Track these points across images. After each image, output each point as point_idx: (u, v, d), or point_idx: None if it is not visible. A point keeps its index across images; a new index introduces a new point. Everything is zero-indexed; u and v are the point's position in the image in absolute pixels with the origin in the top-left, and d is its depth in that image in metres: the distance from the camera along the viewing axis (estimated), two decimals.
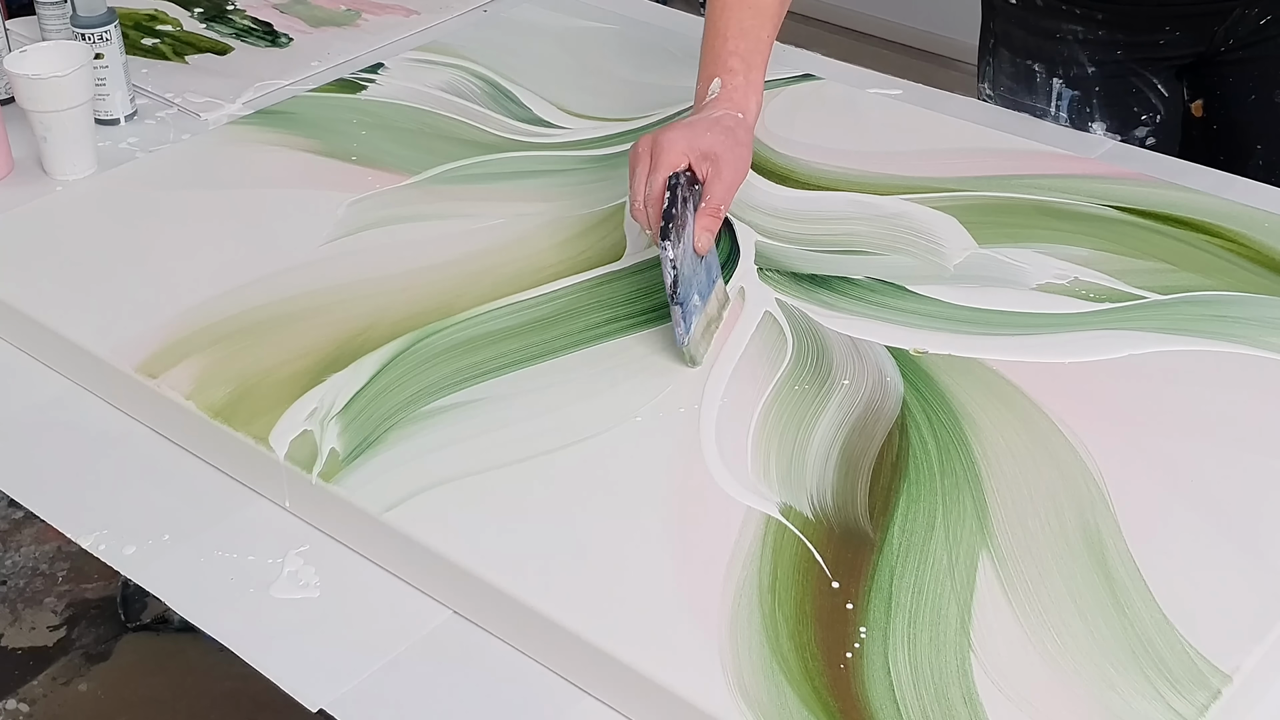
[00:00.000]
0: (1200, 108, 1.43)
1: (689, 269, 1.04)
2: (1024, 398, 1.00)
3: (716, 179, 1.08)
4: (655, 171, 1.07)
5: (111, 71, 1.40)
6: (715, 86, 1.16)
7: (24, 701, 1.84)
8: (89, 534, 0.96)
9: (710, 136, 1.10)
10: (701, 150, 1.09)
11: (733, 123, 1.13)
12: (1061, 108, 1.42)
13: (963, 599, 0.84)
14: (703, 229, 1.07)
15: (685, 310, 1.02)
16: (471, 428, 0.98)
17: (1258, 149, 1.40)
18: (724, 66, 1.16)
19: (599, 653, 0.82)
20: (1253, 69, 1.39)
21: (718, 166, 1.09)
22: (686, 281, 1.03)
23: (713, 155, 1.09)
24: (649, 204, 1.07)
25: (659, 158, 1.08)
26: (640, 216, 1.09)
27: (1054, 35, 1.41)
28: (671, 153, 1.08)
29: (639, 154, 1.10)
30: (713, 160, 1.09)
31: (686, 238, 1.05)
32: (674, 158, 1.07)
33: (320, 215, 1.23)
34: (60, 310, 1.12)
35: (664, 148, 1.08)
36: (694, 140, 1.09)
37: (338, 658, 0.87)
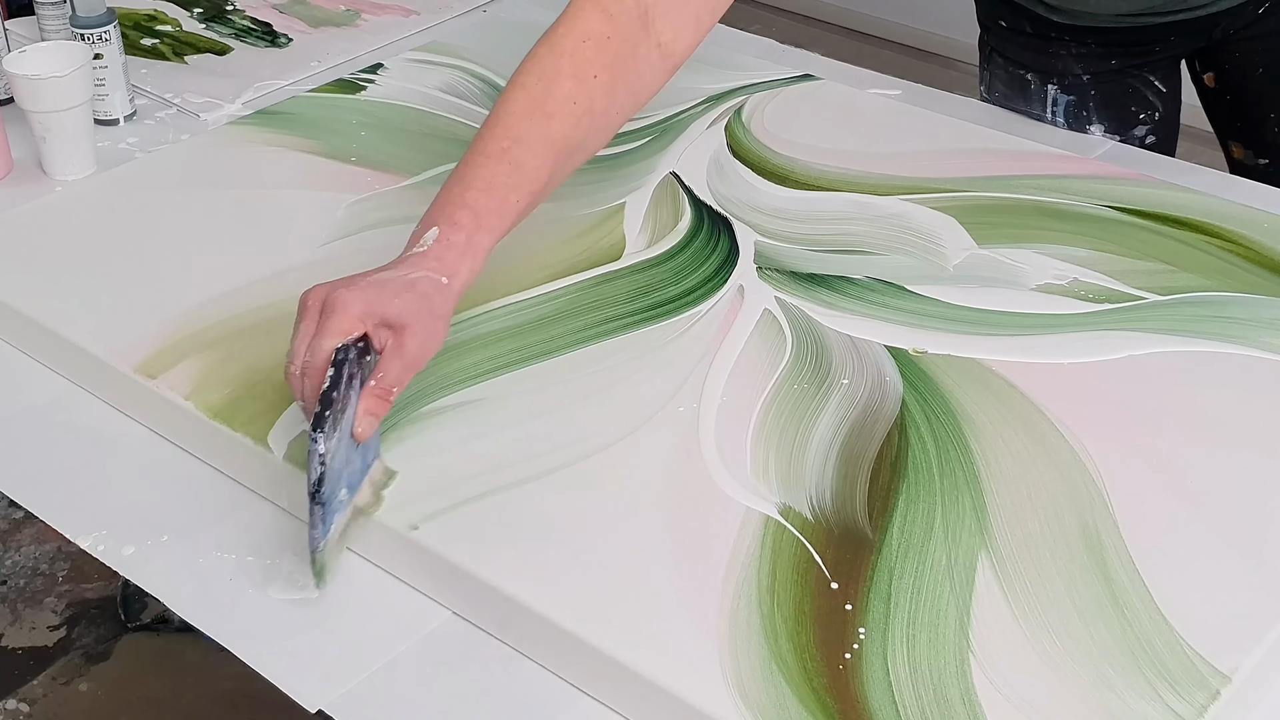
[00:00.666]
0: (1213, 79, 1.44)
1: (341, 461, 0.88)
2: (1023, 398, 1.00)
3: (396, 355, 0.91)
4: (321, 336, 0.90)
5: (111, 72, 1.40)
6: (430, 237, 0.96)
7: (24, 701, 1.84)
8: (88, 534, 0.96)
9: (399, 303, 0.92)
10: (385, 317, 0.91)
11: (431, 288, 0.94)
12: (1058, 113, 1.42)
13: (962, 600, 0.84)
14: (366, 412, 0.90)
15: (327, 510, 0.87)
16: (470, 428, 0.98)
17: (1271, 117, 1.41)
18: (449, 218, 0.97)
19: (597, 653, 0.82)
20: (1256, 45, 1.39)
21: (400, 339, 0.91)
22: (336, 477, 0.87)
23: (398, 325, 0.91)
24: (306, 374, 0.90)
25: (328, 320, 0.90)
26: (295, 384, 0.92)
27: (1046, 51, 1.41)
28: (344, 317, 0.90)
29: (308, 308, 0.93)
30: (396, 331, 0.91)
31: (345, 423, 0.89)
32: (346, 323, 0.90)
33: (320, 216, 1.23)
34: (60, 310, 1.12)
35: (337, 308, 0.90)
36: (376, 304, 0.91)
37: (337, 658, 0.87)
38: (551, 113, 1.02)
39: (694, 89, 1.42)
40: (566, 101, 1.02)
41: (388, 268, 0.96)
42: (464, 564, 0.88)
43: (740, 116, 1.38)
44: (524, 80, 1.03)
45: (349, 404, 0.89)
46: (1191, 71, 1.45)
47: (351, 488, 0.91)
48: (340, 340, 0.90)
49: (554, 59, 1.04)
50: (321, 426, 0.86)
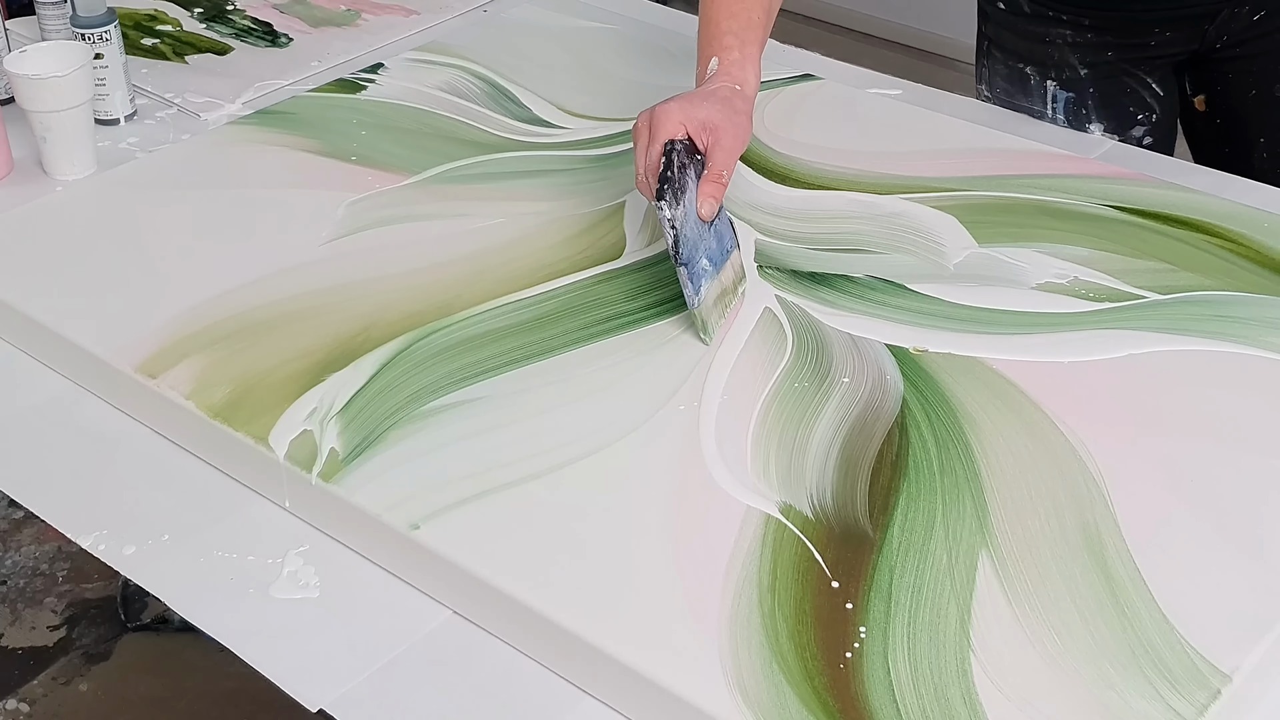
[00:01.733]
0: (1203, 102, 1.43)
1: (692, 231, 1.05)
2: (1024, 397, 1.00)
3: (717, 147, 1.09)
4: (653, 142, 1.08)
5: (111, 71, 1.40)
6: (713, 65, 1.17)
7: (24, 701, 1.84)
8: (89, 534, 0.96)
9: (707, 106, 1.11)
10: (699, 120, 1.10)
11: (729, 94, 1.14)
12: (1058, 110, 1.42)
13: (962, 599, 0.84)
14: (707, 195, 1.08)
15: (692, 271, 1.03)
16: (471, 427, 0.98)
17: (1261, 141, 1.41)
18: (719, 45, 1.18)
19: (598, 652, 0.82)
20: (1251, 65, 1.39)
21: (717, 135, 1.10)
22: (690, 243, 1.04)
23: (711, 125, 1.10)
24: (649, 173, 1.08)
25: (656, 128, 1.09)
26: (643, 187, 1.10)
27: (1044, 39, 1.41)
28: (668, 122, 1.09)
29: (639, 129, 1.11)
30: (711, 130, 1.10)
31: (688, 202, 1.06)
32: (671, 127, 1.09)
33: (320, 215, 1.23)
34: (60, 310, 1.12)
35: (660, 119, 1.09)
36: (690, 110, 1.10)
37: (338, 658, 0.87)
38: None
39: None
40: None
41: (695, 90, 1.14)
42: (464, 563, 0.88)
43: None
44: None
45: (687, 187, 1.06)
46: (1182, 95, 1.45)
47: (713, 261, 1.07)
48: (666, 139, 1.07)
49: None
50: (663, 197, 1.03)
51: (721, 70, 1.17)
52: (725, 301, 1.09)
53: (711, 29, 1.19)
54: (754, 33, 1.19)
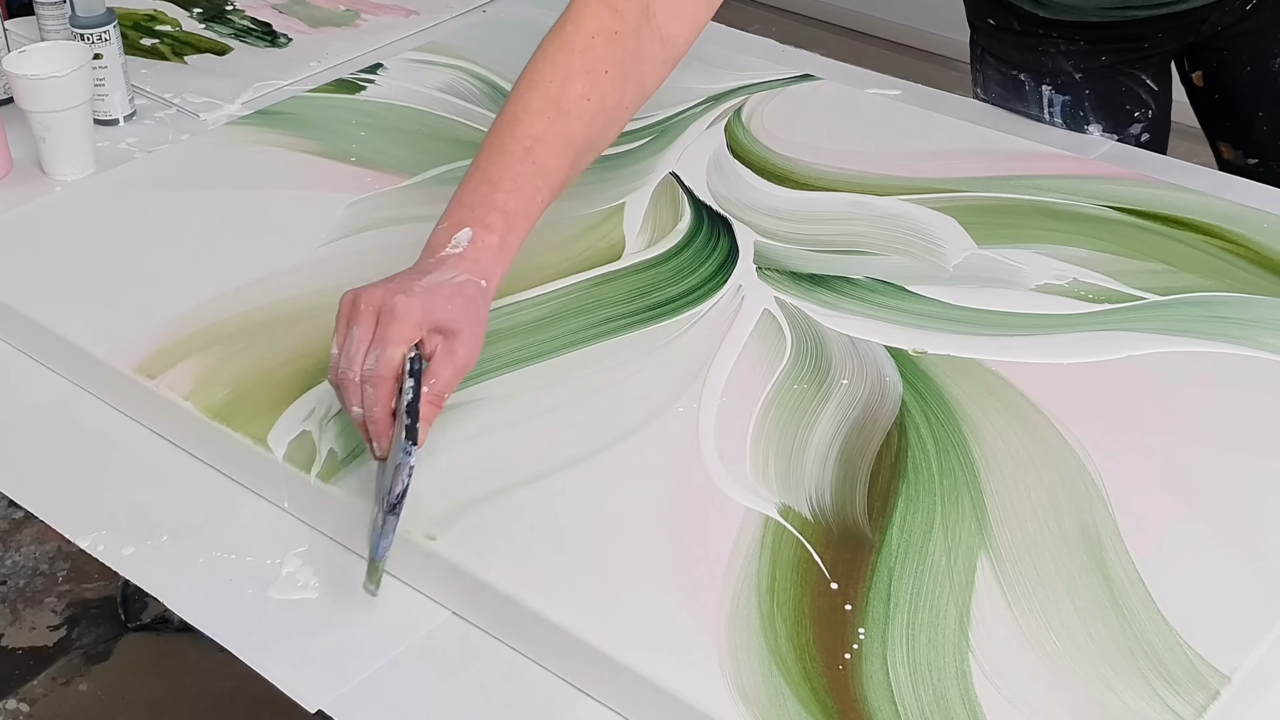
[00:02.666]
0: (1201, 78, 1.44)
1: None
2: (1023, 398, 1.00)
3: (448, 361, 0.91)
4: (384, 344, 0.89)
5: (110, 72, 1.40)
6: (463, 238, 0.96)
7: (24, 701, 1.84)
8: (88, 534, 0.96)
9: (450, 308, 0.92)
10: (437, 323, 0.91)
11: (475, 292, 0.94)
12: (1054, 113, 1.42)
13: (961, 600, 0.84)
14: (421, 419, 0.88)
15: (399, 520, 0.87)
16: (470, 428, 0.98)
17: (1259, 115, 1.41)
18: (481, 220, 0.96)
19: (597, 653, 0.82)
20: (1244, 42, 1.39)
21: (451, 345, 0.91)
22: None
23: (449, 330, 0.91)
24: (369, 383, 0.89)
25: (389, 327, 0.89)
26: (354, 392, 0.90)
27: (1036, 49, 1.41)
28: (405, 324, 0.89)
29: (361, 311, 0.91)
30: (447, 336, 0.91)
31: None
32: (408, 330, 0.89)
33: (319, 216, 1.23)
34: (59, 310, 1.12)
35: (397, 315, 0.89)
36: (431, 310, 0.91)
37: (337, 658, 0.87)
38: (567, 110, 1.02)
39: (694, 89, 1.42)
40: (581, 99, 1.03)
41: (427, 270, 0.94)
42: (463, 564, 0.88)
43: (740, 116, 1.38)
44: (538, 79, 1.03)
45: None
46: (1180, 70, 1.45)
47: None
48: (406, 348, 0.89)
49: (565, 56, 1.04)
50: (414, 438, 0.85)
51: (470, 254, 0.95)
52: None
53: (483, 192, 0.98)
54: (526, 220, 0.99)
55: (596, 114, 1.04)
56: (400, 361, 0.89)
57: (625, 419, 0.99)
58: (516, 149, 1.00)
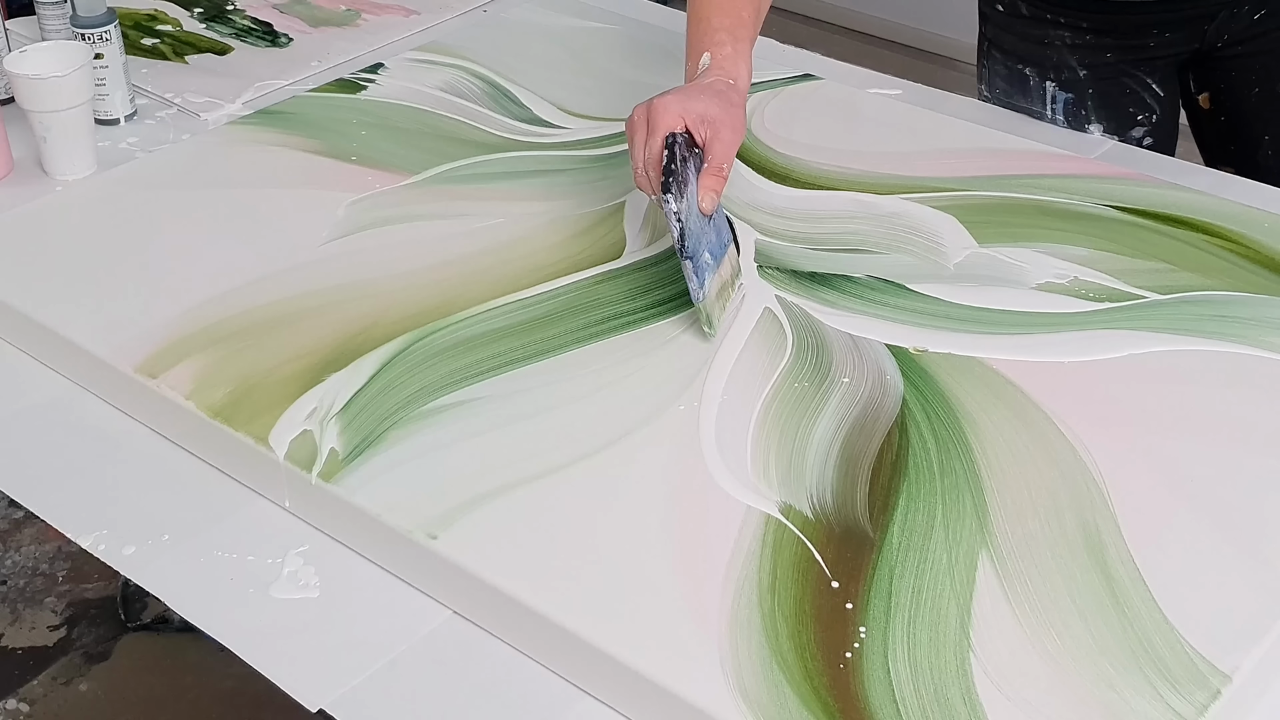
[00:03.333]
0: (1207, 100, 1.44)
1: (696, 225, 1.05)
2: (1024, 397, 1.00)
3: (716, 140, 1.09)
4: (653, 135, 1.08)
5: (111, 71, 1.40)
6: (705, 60, 1.16)
7: (24, 701, 1.84)
8: (89, 534, 0.96)
9: (704, 100, 1.10)
10: (697, 113, 1.09)
11: (724, 87, 1.13)
12: (1057, 110, 1.42)
13: (962, 599, 0.84)
14: (707, 189, 1.08)
15: (697, 265, 1.03)
16: (471, 427, 0.98)
17: (1266, 139, 1.41)
18: (711, 40, 1.17)
19: (598, 652, 0.82)
20: (1253, 63, 1.39)
21: (715, 129, 1.09)
22: (694, 237, 1.04)
23: (709, 118, 1.09)
24: (649, 167, 1.08)
25: (655, 122, 1.08)
26: (642, 181, 1.10)
27: (1042, 41, 1.41)
28: (667, 115, 1.08)
29: (635, 122, 1.10)
30: (709, 123, 1.09)
31: (690, 195, 1.06)
32: (670, 120, 1.08)
33: (320, 215, 1.23)
34: (60, 310, 1.12)
35: (658, 112, 1.08)
36: (688, 104, 1.09)
37: (338, 658, 0.87)
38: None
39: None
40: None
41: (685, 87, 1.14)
42: (463, 563, 0.88)
43: None
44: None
45: (689, 182, 1.06)
46: (1185, 92, 1.45)
47: (714, 255, 1.07)
48: (667, 133, 1.07)
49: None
50: (668, 190, 1.03)
51: (714, 65, 1.16)
52: (725, 295, 1.09)
53: (702, 25, 1.19)
54: (745, 29, 1.19)
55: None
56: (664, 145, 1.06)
57: (626, 417, 0.99)
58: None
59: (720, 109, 1.10)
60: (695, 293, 1.04)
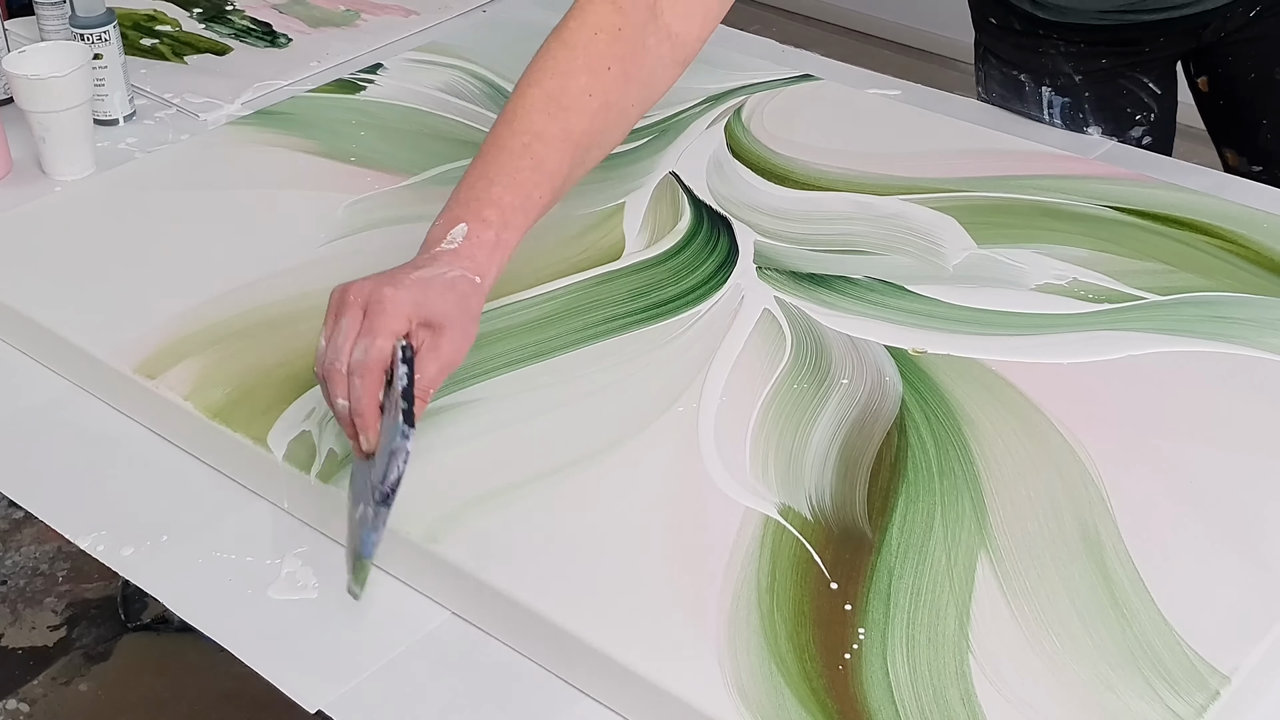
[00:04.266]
0: (1206, 84, 1.44)
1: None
2: (1023, 398, 1.00)
3: (433, 357, 0.90)
4: (373, 335, 0.88)
5: (110, 72, 1.40)
6: (458, 233, 0.95)
7: (24, 701, 1.84)
8: (88, 534, 0.96)
9: (442, 303, 0.91)
10: (427, 317, 0.90)
11: (468, 288, 0.93)
12: (1054, 115, 1.42)
13: (961, 600, 0.84)
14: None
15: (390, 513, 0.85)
16: (470, 428, 0.98)
17: (1264, 123, 1.41)
18: (477, 215, 0.96)
19: (597, 654, 0.82)
20: (1249, 49, 1.39)
21: (438, 340, 0.91)
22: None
23: (438, 325, 0.90)
24: (357, 374, 0.88)
25: (378, 319, 0.88)
26: (340, 383, 0.89)
27: (1037, 50, 1.41)
28: (395, 316, 0.88)
29: (349, 303, 0.90)
30: (435, 331, 0.90)
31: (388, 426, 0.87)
32: (397, 323, 0.88)
33: (319, 216, 1.23)
34: (59, 311, 1.12)
35: (385, 308, 0.89)
36: (422, 304, 0.90)
37: (337, 658, 0.87)
38: (568, 107, 1.01)
39: (694, 89, 1.42)
40: (582, 95, 1.02)
41: (421, 264, 0.94)
42: (463, 564, 0.88)
43: (740, 116, 1.38)
44: (538, 76, 1.03)
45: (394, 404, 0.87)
46: (1186, 74, 1.45)
47: None
48: (394, 339, 0.89)
49: (567, 53, 1.04)
50: (412, 422, 0.85)
51: (465, 250, 0.94)
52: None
53: (479, 187, 0.97)
54: (523, 217, 0.98)
55: (599, 110, 1.03)
56: (389, 352, 0.88)
57: (625, 419, 0.99)
58: (514, 145, 0.99)
59: (454, 318, 0.91)
60: (370, 547, 0.84)
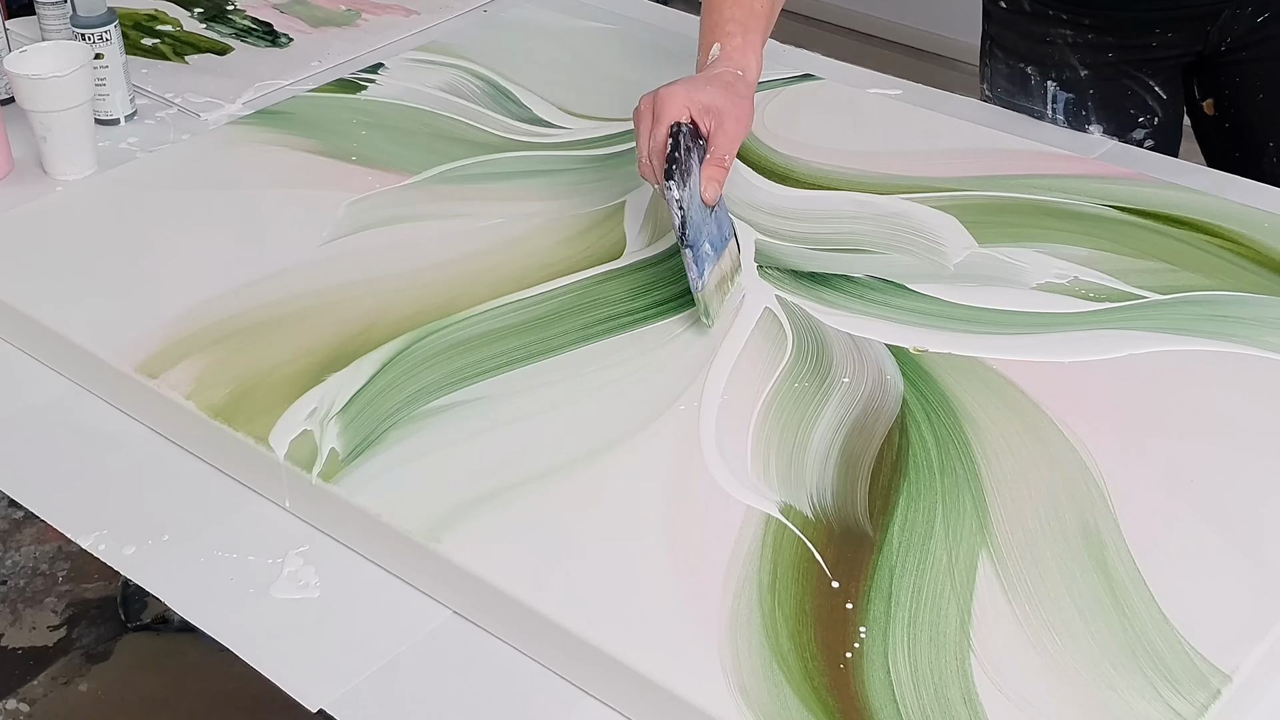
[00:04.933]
0: (1212, 106, 1.44)
1: (697, 215, 1.05)
2: (1024, 397, 1.00)
3: (720, 130, 1.10)
4: (658, 124, 1.08)
5: (111, 71, 1.40)
6: (715, 51, 1.17)
7: (24, 701, 1.84)
8: (89, 534, 0.96)
9: (710, 90, 1.11)
10: (702, 103, 1.10)
11: (732, 78, 1.14)
12: (1057, 110, 1.42)
13: (962, 599, 0.84)
14: (709, 179, 1.09)
15: (697, 254, 1.03)
16: (471, 427, 0.98)
17: (1270, 146, 1.41)
18: (721, 31, 1.18)
19: (598, 653, 0.82)
20: (1258, 68, 1.39)
21: (720, 119, 1.10)
22: (695, 226, 1.04)
23: (714, 108, 1.10)
24: (653, 155, 1.09)
25: (660, 111, 1.09)
26: (646, 170, 1.11)
27: (1044, 39, 1.41)
28: (672, 105, 1.09)
29: (641, 112, 1.11)
30: (715, 113, 1.10)
31: (693, 185, 1.06)
32: (675, 110, 1.09)
33: (320, 215, 1.23)
34: (60, 310, 1.12)
35: (664, 101, 1.09)
36: (694, 94, 1.10)
37: (338, 658, 0.87)
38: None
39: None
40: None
41: (695, 77, 1.14)
42: (464, 564, 0.88)
43: None
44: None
45: (692, 171, 1.06)
46: (1190, 98, 1.45)
47: (715, 247, 1.07)
48: (672, 122, 1.08)
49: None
50: (671, 177, 1.03)
51: (724, 56, 1.17)
52: (724, 288, 1.09)
53: (714, 16, 1.19)
54: (757, 21, 1.19)
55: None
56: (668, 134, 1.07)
57: (626, 417, 0.99)
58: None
59: (726, 99, 1.11)
60: (694, 281, 1.04)
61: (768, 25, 1.21)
